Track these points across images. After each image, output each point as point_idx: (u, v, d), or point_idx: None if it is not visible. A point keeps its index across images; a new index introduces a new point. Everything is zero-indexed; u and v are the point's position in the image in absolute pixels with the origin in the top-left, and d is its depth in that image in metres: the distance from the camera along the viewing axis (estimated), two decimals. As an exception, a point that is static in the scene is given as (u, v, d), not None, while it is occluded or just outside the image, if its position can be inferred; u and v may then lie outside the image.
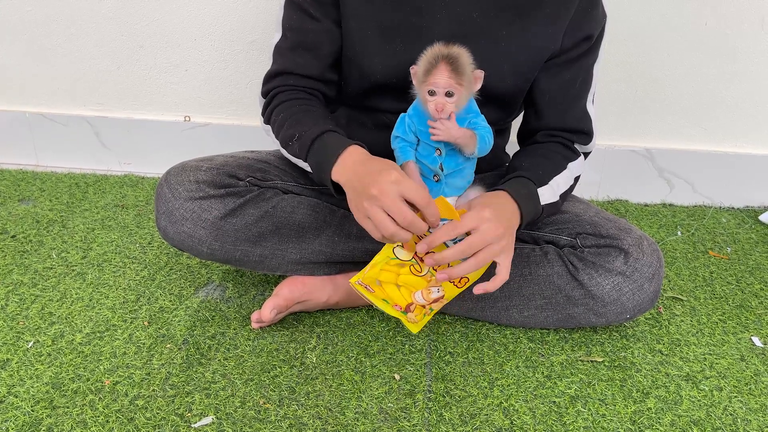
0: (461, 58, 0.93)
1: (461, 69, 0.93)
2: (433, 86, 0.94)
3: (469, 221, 0.93)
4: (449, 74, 0.93)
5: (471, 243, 0.93)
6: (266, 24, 1.61)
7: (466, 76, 0.94)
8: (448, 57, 0.93)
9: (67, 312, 1.17)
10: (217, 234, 1.08)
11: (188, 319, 1.16)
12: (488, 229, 0.93)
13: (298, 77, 1.10)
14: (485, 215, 0.94)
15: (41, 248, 1.37)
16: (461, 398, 1.01)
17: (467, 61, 0.94)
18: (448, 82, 0.93)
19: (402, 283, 0.98)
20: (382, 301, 0.98)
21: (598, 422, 0.97)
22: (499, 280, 0.96)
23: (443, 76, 0.93)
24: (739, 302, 1.29)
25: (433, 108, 0.95)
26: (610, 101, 1.64)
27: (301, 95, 1.10)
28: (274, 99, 1.10)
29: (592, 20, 1.07)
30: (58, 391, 0.99)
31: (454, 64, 0.93)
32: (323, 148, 0.99)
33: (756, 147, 1.68)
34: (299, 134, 1.03)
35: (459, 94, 0.95)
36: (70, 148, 1.77)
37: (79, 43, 1.66)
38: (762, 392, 1.05)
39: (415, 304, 0.99)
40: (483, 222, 0.93)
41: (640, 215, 1.65)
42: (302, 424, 0.95)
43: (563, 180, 1.11)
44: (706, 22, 1.55)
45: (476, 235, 0.93)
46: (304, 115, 1.05)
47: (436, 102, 0.95)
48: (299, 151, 1.04)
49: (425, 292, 0.99)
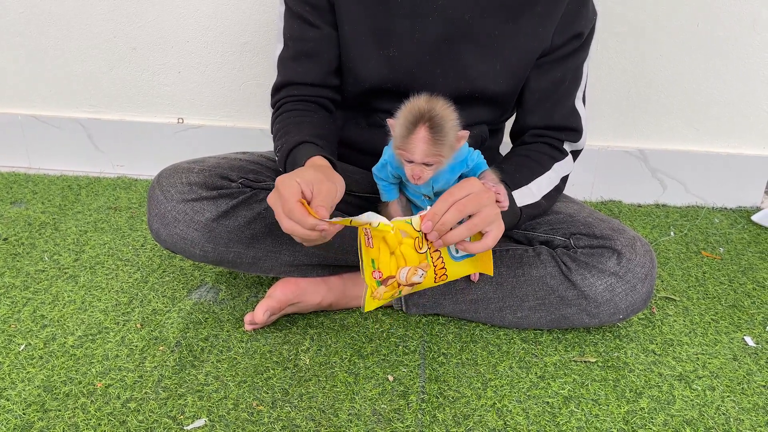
0: (445, 122, 0.85)
1: (443, 137, 0.85)
2: (409, 158, 0.87)
3: (462, 189, 0.90)
4: (428, 144, 0.85)
5: (466, 203, 0.89)
6: (259, 26, 1.61)
7: (448, 145, 0.87)
8: (429, 120, 0.84)
9: (59, 315, 1.16)
10: (210, 236, 1.08)
11: (181, 322, 1.15)
12: (481, 192, 0.91)
13: (303, 86, 1.11)
14: (475, 184, 0.92)
15: (33, 251, 1.36)
16: (455, 399, 1.01)
17: (451, 125, 0.86)
18: (425, 156, 0.86)
19: (399, 253, 0.94)
20: (369, 260, 0.93)
21: (592, 422, 0.97)
22: (482, 244, 0.93)
23: (420, 149, 0.85)
24: (732, 302, 1.29)
25: (410, 175, 0.89)
26: (603, 102, 1.65)
27: (301, 106, 1.11)
28: (279, 110, 1.12)
29: (582, 18, 1.07)
30: (49, 394, 0.98)
31: (436, 131, 0.85)
32: (294, 160, 1.00)
33: (748, 147, 1.69)
34: (281, 146, 1.04)
35: (439, 164, 0.88)
36: (62, 150, 1.76)
37: (71, 44, 1.65)
38: (754, 392, 1.05)
39: (394, 280, 0.95)
40: (474, 187, 0.91)
41: (633, 216, 1.65)
42: (295, 426, 0.94)
43: (546, 181, 1.11)
44: (698, 23, 1.55)
45: (471, 196, 0.90)
46: (294, 126, 1.06)
47: (413, 170, 0.88)
48: (279, 162, 1.05)
49: (411, 271, 0.95)
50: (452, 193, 0.90)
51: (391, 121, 0.92)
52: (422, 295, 1.17)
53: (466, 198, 0.90)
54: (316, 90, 1.11)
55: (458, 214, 0.89)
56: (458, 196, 0.90)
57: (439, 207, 0.90)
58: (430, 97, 0.88)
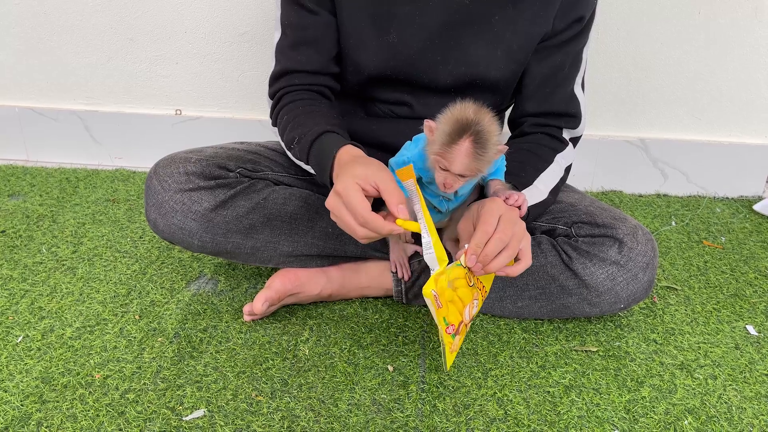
0: (490, 137, 0.81)
1: (485, 153, 0.82)
2: (446, 167, 0.84)
3: (492, 214, 0.90)
4: (470, 158, 0.82)
5: (504, 230, 0.88)
6: (257, 16, 1.60)
7: (488, 161, 0.84)
8: (476, 135, 0.81)
9: (57, 306, 1.16)
10: (208, 226, 1.07)
11: (180, 313, 1.15)
12: (508, 212, 0.91)
13: (303, 75, 1.09)
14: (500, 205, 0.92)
15: (31, 243, 1.36)
16: (455, 389, 1.00)
17: (494, 141, 0.82)
18: (466, 170, 0.83)
19: (458, 297, 0.92)
20: (442, 320, 0.91)
21: (593, 411, 0.97)
22: (523, 264, 0.92)
23: (462, 162, 0.82)
24: (734, 291, 1.28)
25: (441, 182, 0.86)
26: (604, 91, 1.64)
27: (305, 95, 1.08)
28: (280, 101, 1.09)
29: (584, 2, 1.06)
30: (47, 385, 0.98)
31: (480, 146, 0.81)
32: (320, 151, 0.97)
33: (750, 137, 1.68)
34: (299, 137, 1.01)
35: (473, 178, 0.86)
36: (60, 142, 1.75)
37: (68, 36, 1.64)
38: (756, 380, 1.05)
39: (462, 324, 0.94)
40: (501, 208, 0.91)
41: (634, 206, 1.65)
42: (295, 416, 0.94)
43: (551, 176, 1.10)
44: (699, 10, 1.54)
45: (504, 222, 0.89)
46: (306, 116, 1.03)
47: (446, 178, 0.85)
48: (300, 154, 1.02)
49: (470, 307, 0.95)
50: (487, 222, 0.89)
51: (430, 123, 0.87)
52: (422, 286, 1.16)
53: (501, 225, 0.89)
54: (317, 78, 1.10)
55: (500, 243, 0.89)
56: (493, 224, 0.89)
57: (479, 239, 0.88)
58: (479, 108, 0.84)
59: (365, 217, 0.84)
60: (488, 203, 0.92)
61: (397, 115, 1.14)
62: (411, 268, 1.16)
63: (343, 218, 0.87)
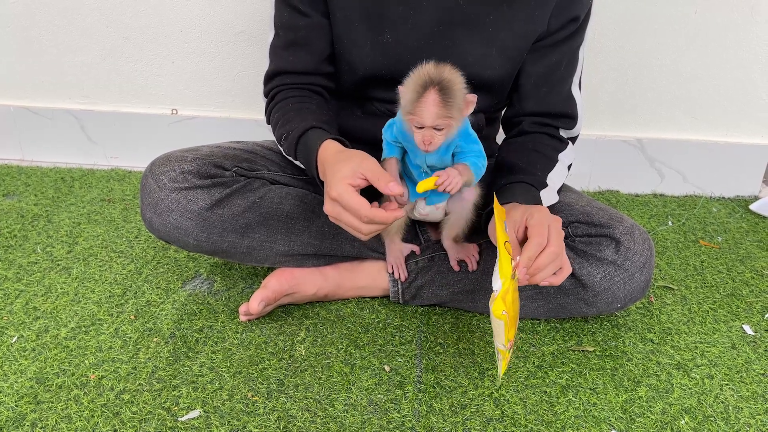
0: (453, 85, 0.85)
1: (452, 99, 0.85)
2: (419, 122, 0.87)
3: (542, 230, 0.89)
4: (438, 106, 0.85)
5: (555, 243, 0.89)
6: (254, 15, 1.59)
7: (457, 107, 0.87)
8: (439, 84, 0.85)
9: (52, 307, 1.15)
10: (204, 225, 1.06)
11: (175, 313, 1.14)
12: (557, 228, 0.91)
13: (295, 75, 1.10)
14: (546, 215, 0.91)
15: (26, 243, 1.35)
16: (452, 389, 1.00)
17: (459, 88, 0.86)
18: (436, 118, 0.86)
19: (515, 309, 0.91)
20: (506, 338, 0.90)
21: (590, 411, 0.97)
22: (566, 272, 0.92)
23: (430, 111, 0.86)
24: (730, 291, 1.28)
25: (420, 141, 0.88)
26: (600, 91, 1.64)
27: (297, 93, 1.10)
28: (273, 99, 1.10)
29: (579, 2, 1.06)
30: (42, 386, 0.97)
31: (445, 93, 0.85)
32: (305, 147, 0.99)
33: (746, 136, 1.68)
34: (287, 133, 1.03)
35: (449, 128, 0.88)
36: (55, 142, 1.74)
37: (63, 35, 1.64)
38: (753, 380, 1.05)
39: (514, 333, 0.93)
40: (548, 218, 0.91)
41: (631, 205, 1.65)
42: (291, 416, 0.93)
43: (558, 175, 1.10)
44: (696, 10, 1.54)
45: (554, 233, 0.89)
46: (296, 113, 1.05)
47: (423, 135, 0.88)
48: (288, 150, 1.04)
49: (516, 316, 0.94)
50: (540, 234, 0.89)
51: (400, 87, 0.91)
52: (419, 286, 1.16)
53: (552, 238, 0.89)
54: (309, 78, 1.10)
55: (552, 257, 0.88)
56: (545, 235, 0.89)
57: (532, 252, 0.88)
58: (438, 64, 0.87)
59: (368, 215, 0.86)
60: (536, 213, 0.92)
61: (394, 113, 1.13)
62: (408, 268, 1.16)
63: (345, 221, 0.89)
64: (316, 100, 1.10)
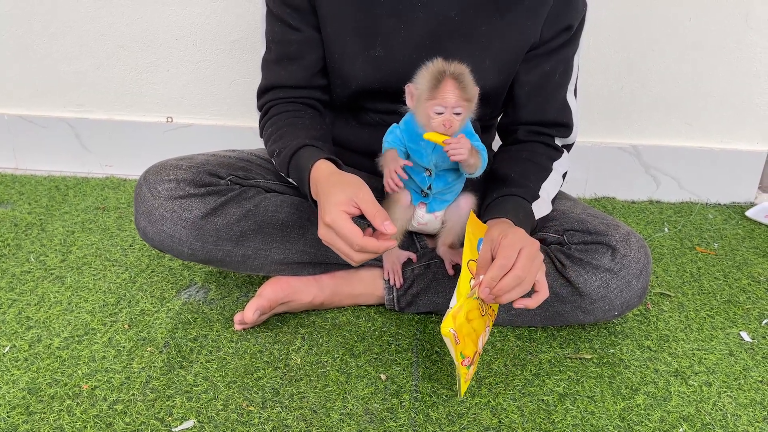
0: (466, 74, 0.92)
1: (468, 86, 0.92)
2: (442, 105, 0.92)
3: (511, 252, 0.89)
4: (457, 92, 0.91)
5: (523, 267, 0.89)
6: (248, 24, 1.59)
7: (471, 93, 0.93)
8: (454, 74, 0.91)
9: (45, 316, 1.14)
10: (198, 234, 1.06)
11: (170, 322, 1.13)
12: (530, 253, 0.90)
13: (288, 89, 1.10)
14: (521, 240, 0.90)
15: (19, 252, 1.34)
16: (448, 398, 0.99)
17: (470, 78, 0.93)
18: (458, 100, 0.92)
19: (472, 329, 0.92)
20: (459, 354, 0.91)
21: (587, 419, 0.96)
22: (541, 296, 0.93)
23: (453, 94, 0.91)
24: (727, 297, 1.28)
25: (440, 124, 0.92)
26: (596, 98, 1.64)
27: (291, 107, 1.09)
28: (267, 113, 1.10)
29: (572, 10, 1.06)
30: (34, 396, 0.96)
31: (461, 81, 0.91)
32: (297, 166, 0.99)
33: (742, 143, 1.68)
34: (279, 150, 1.03)
35: (466, 112, 0.93)
36: (50, 150, 1.74)
37: (58, 43, 1.63)
38: (751, 387, 1.04)
39: (477, 353, 0.94)
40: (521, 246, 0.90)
41: (627, 212, 1.65)
42: (286, 426, 0.93)
43: (552, 185, 1.10)
44: (690, 17, 1.55)
45: (523, 260, 0.89)
46: (288, 129, 1.05)
47: (444, 119, 0.92)
48: (281, 167, 1.04)
49: (483, 335, 0.95)
50: (506, 256, 0.88)
51: (409, 86, 0.95)
52: (415, 294, 1.15)
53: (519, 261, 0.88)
54: (302, 92, 1.11)
55: (517, 280, 0.88)
56: (512, 258, 0.88)
57: (495, 274, 0.88)
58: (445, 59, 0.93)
59: (360, 244, 0.88)
60: (511, 234, 0.91)
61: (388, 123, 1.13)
62: (404, 275, 1.15)
63: (338, 247, 0.90)
64: (310, 113, 1.10)
